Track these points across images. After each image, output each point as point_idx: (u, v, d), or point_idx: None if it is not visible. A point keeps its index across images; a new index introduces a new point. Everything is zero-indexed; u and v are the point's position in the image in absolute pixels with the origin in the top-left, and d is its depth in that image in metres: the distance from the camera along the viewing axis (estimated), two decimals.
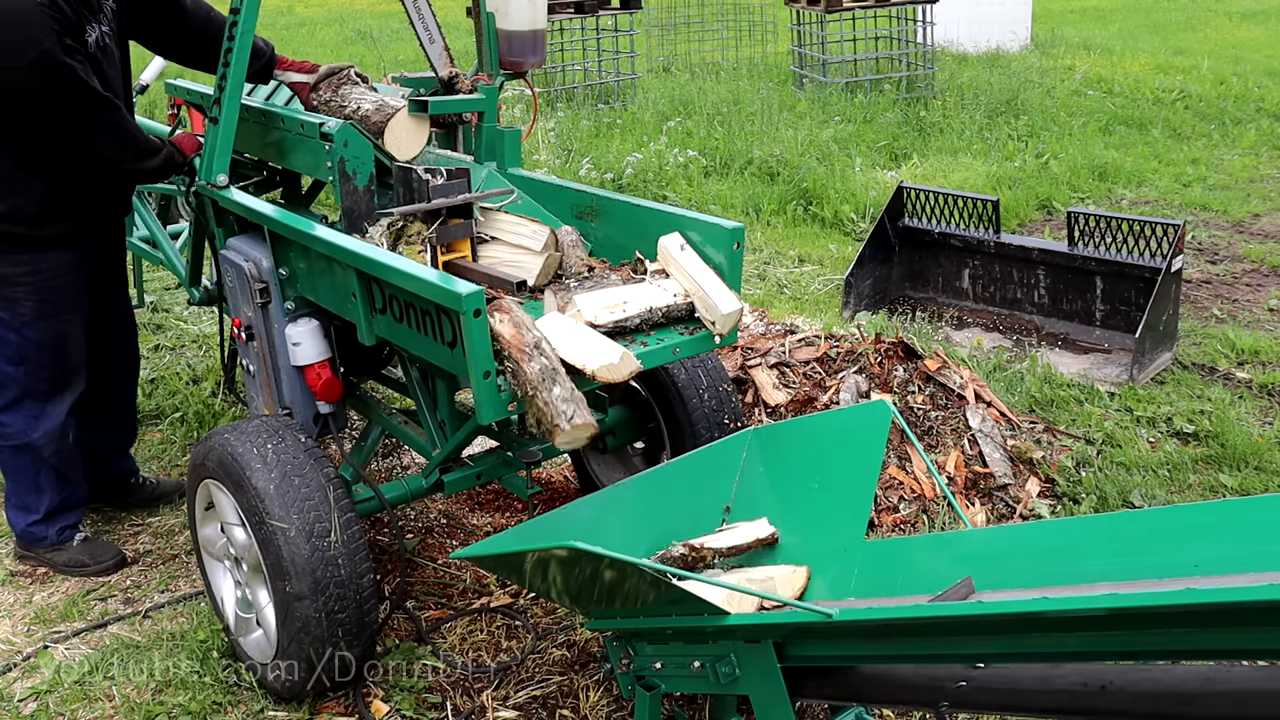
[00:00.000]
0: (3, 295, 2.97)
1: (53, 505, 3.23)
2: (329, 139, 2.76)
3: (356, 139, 2.78)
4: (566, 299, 2.55)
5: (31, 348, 3.03)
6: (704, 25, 13.11)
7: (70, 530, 3.28)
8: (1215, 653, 1.38)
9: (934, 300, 5.37)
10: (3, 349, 3.03)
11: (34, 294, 2.98)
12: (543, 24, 3.22)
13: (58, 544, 3.26)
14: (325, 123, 2.81)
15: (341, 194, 2.79)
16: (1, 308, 2.99)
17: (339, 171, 2.76)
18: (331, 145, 2.75)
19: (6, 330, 3.01)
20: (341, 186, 2.78)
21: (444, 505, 3.62)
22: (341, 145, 2.75)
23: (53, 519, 3.24)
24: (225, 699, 2.67)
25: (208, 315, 5.13)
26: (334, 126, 2.77)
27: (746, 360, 3.93)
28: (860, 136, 8.31)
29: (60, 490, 3.24)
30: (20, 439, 3.11)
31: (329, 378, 2.82)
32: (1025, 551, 1.99)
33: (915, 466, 3.49)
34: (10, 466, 3.18)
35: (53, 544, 3.26)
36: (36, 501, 3.22)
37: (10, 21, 2.62)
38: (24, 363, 3.04)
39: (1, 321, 3.00)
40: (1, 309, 2.99)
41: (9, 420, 3.10)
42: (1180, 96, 9.81)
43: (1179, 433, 3.94)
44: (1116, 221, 4.65)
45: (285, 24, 16.93)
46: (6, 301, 2.98)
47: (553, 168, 7.58)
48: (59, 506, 3.25)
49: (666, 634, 2.08)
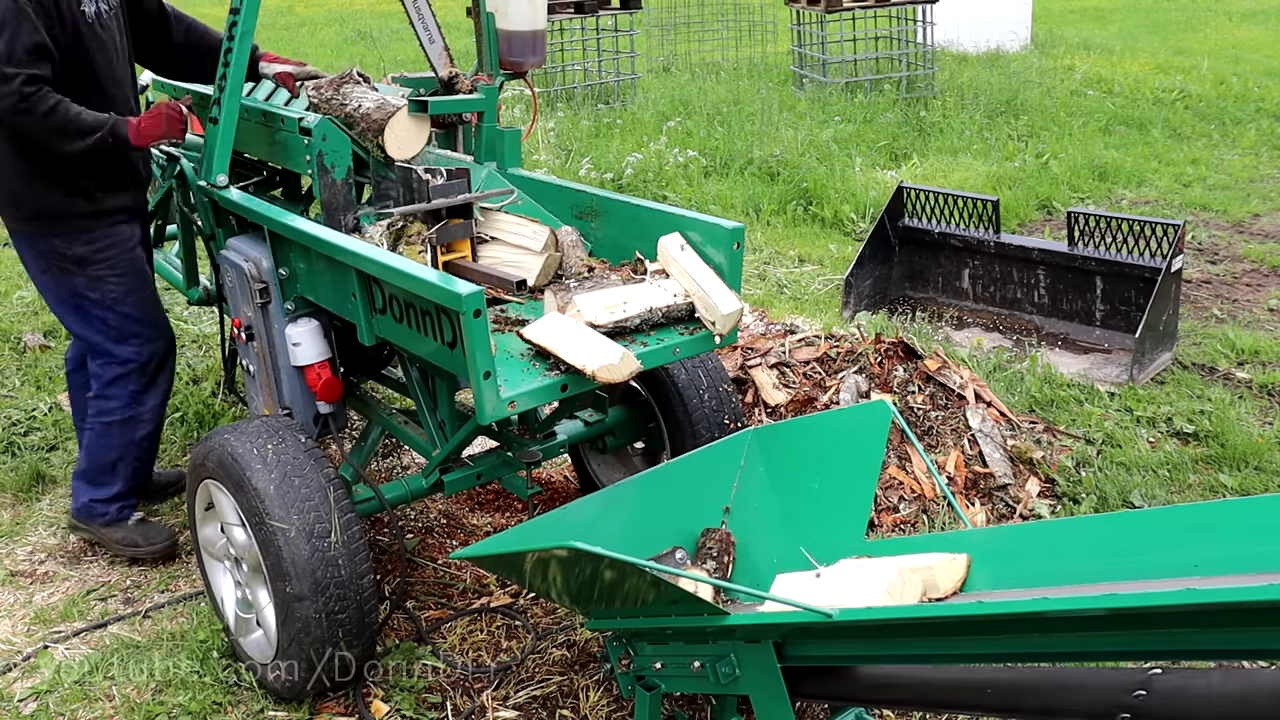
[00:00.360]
0: (87, 276, 3.03)
1: (121, 490, 3.28)
2: (308, 133, 2.82)
3: (334, 133, 2.83)
4: (566, 299, 2.55)
5: (131, 323, 3.11)
6: (704, 25, 13.11)
7: (129, 509, 3.32)
8: (1215, 653, 1.38)
9: (934, 300, 5.37)
10: (104, 330, 3.09)
11: (114, 269, 3.06)
12: (543, 24, 3.22)
13: (115, 520, 3.30)
14: (304, 118, 2.86)
15: (320, 186, 2.85)
16: (90, 289, 3.04)
17: (317, 164, 2.82)
18: (310, 139, 2.81)
19: (102, 310, 3.07)
20: (320, 179, 2.84)
21: (444, 505, 3.62)
22: (320, 139, 2.80)
23: (116, 499, 3.29)
24: (225, 699, 2.67)
25: (208, 315, 5.13)
26: (312, 121, 2.82)
27: (746, 360, 3.93)
28: (860, 136, 8.31)
29: (134, 478, 3.29)
30: (121, 414, 3.17)
31: (329, 378, 2.82)
32: (1025, 551, 2.00)
33: (915, 466, 3.49)
34: (96, 444, 3.22)
35: (110, 520, 3.30)
36: (110, 480, 3.26)
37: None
38: (126, 340, 3.12)
39: (94, 303, 3.06)
40: (90, 290, 3.05)
41: (114, 393, 3.16)
42: (1180, 96, 9.81)
43: (1179, 433, 3.94)
44: (1116, 221, 4.65)
45: (285, 24, 16.93)
46: (93, 281, 3.04)
47: (553, 168, 7.58)
48: (126, 491, 3.30)
49: (666, 634, 2.08)
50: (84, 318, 3.09)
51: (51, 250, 3.00)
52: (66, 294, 3.06)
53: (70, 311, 3.09)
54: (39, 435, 4.03)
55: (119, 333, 3.10)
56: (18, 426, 4.09)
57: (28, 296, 5.43)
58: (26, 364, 4.64)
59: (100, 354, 3.14)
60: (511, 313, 2.70)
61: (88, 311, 3.07)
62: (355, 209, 2.92)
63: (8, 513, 3.59)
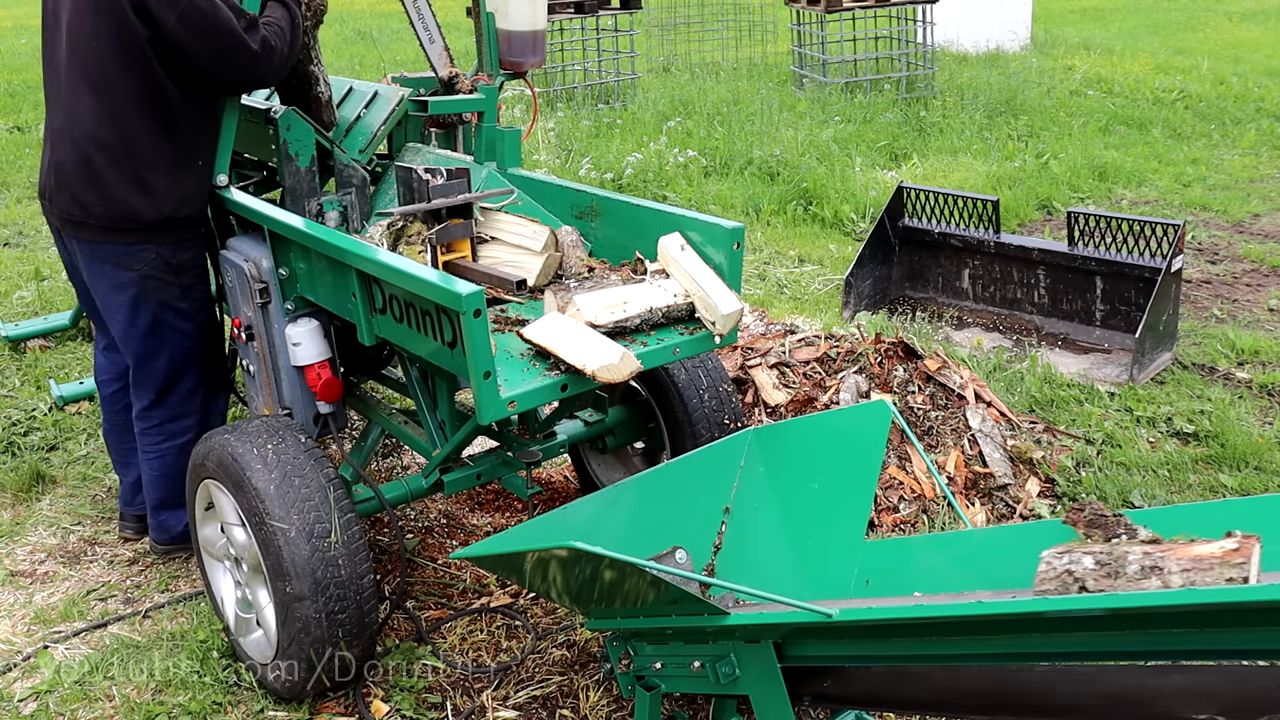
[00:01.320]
0: (181, 284, 2.91)
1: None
2: (273, 122, 2.95)
3: (298, 123, 2.96)
4: (566, 299, 2.55)
5: (205, 333, 3.02)
6: (704, 25, 13.11)
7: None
8: (1215, 653, 1.38)
9: (934, 300, 5.37)
10: (183, 341, 2.96)
11: (200, 278, 2.98)
12: (543, 24, 3.23)
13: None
14: (271, 108, 3.00)
15: (285, 174, 3.00)
16: (182, 299, 2.92)
17: (282, 153, 2.97)
18: (275, 128, 2.94)
19: (187, 321, 2.95)
20: (284, 167, 2.98)
21: (444, 505, 3.62)
22: (285, 128, 2.94)
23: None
24: (225, 699, 2.67)
25: None
26: (278, 111, 2.95)
27: (746, 360, 3.93)
28: (860, 136, 8.31)
29: None
30: (194, 430, 3.03)
31: (329, 378, 2.82)
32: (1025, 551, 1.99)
33: (915, 466, 3.49)
34: (172, 466, 3.07)
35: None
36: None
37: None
38: (199, 352, 3.01)
39: (182, 313, 2.93)
40: (182, 300, 2.92)
41: (182, 414, 3.04)
42: (1180, 96, 9.81)
43: (1179, 433, 3.94)
44: (1116, 221, 4.65)
45: None
46: (185, 290, 2.92)
47: (553, 168, 7.58)
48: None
49: (666, 634, 2.08)
50: (159, 336, 2.92)
51: (156, 259, 2.84)
52: (153, 308, 2.88)
53: (144, 333, 2.91)
54: (39, 435, 4.03)
55: (195, 343, 2.98)
56: (18, 426, 4.09)
57: (28, 297, 5.43)
58: (26, 364, 4.64)
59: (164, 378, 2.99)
60: (511, 313, 2.70)
61: (172, 325, 2.92)
62: (319, 195, 3.05)
63: (8, 513, 3.59)
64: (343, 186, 3.12)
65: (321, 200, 3.05)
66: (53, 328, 4.83)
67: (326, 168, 3.12)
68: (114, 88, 2.68)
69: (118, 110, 2.70)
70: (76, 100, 2.73)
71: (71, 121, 2.75)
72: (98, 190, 2.76)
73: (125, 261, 2.83)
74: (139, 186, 2.76)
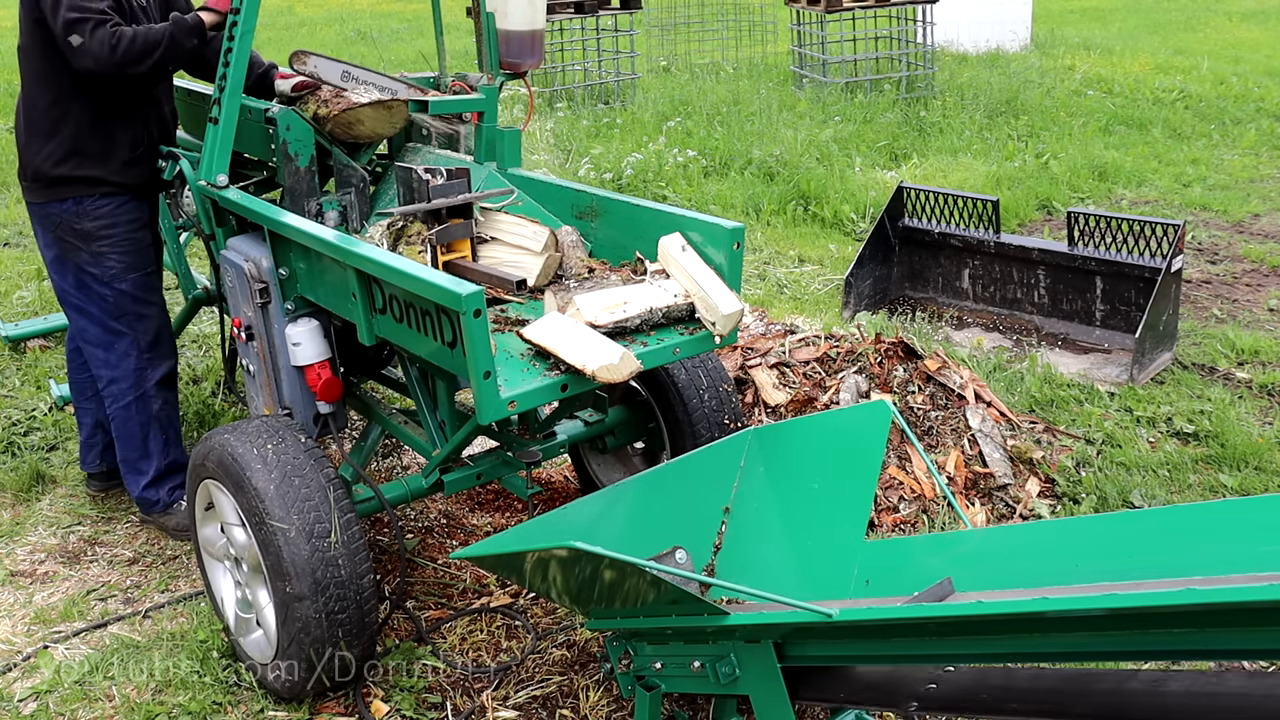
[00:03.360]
0: (90, 252, 3.11)
1: (160, 468, 3.32)
2: (272, 122, 2.96)
3: (297, 123, 2.98)
4: (566, 299, 2.55)
5: (128, 301, 3.17)
6: (704, 25, 13.11)
7: (180, 491, 3.37)
8: (1215, 653, 1.38)
9: (934, 300, 5.37)
10: (101, 305, 3.16)
11: (117, 247, 3.13)
12: (541, 25, 3.23)
13: (169, 506, 3.35)
14: (270, 108, 3.01)
15: (284, 174, 3.01)
16: (90, 264, 3.12)
17: (282, 153, 2.98)
18: (274, 129, 2.95)
19: (100, 286, 3.13)
20: (284, 167, 2.99)
21: (444, 505, 3.62)
22: (284, 129, 2.95)
23: (161, 482, 3.34)
24: (225, 699, 2.67)
25: (208, 315, 5.13)
26: (277, 111, 2.96)
27: (746, 360, 3.93)
28: (860, 136, 8.31)
29: (165, 452, 3.33)
30: (132, 394, 3.22)
31: (329, 378, 2.82)
32: (1025, 551, 2.00)
33: (915, 466, 3.49)
34: (121, 429, 3.28)
35: (164, 507, 3.35)
36: (146, 464, 3.31)
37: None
38: (123, 315, 3.17)
39: (94, 278, 3.12)
40: (91, 265, 3.12)
41: (119, 376, 3.21)
42: (1180, 96, 9.81)
43: (1179, 433, 3.94)
44: (1116, 221, 4.65)
45: (285, 24, 16.93)
46: (94, 257, 3.11)
47: (552, 168, 7.58)
48: (166, 469, 3.34)
49: (666, 634, 2.08)
50: (85, 294, 3.14)
51: (62, 223, 3.07)
52: (73, 269, 3.12)
53: (72, 289, 3.15)
54: (39, 435, 4.03)
55: (115, 308, 3.15)
56: (18, 426, 4.09)
57: (28, 297, 5.43)
58: (26, 364, 4.64)
59: (99, 336, 3.18)
60: (511, 313, 2.70)
61: (91, 288, 3.13)
62: (318, 195, 3.06)
63: (8, 513, 3.59)
64: (342, 186, 3.12)
65: (321, 200, 3.06)
66: (53, 328, 4.83)
67: (326, 168, 3.13)
68: (28, 56, 3.02)
69: (26, 80, 3.05)
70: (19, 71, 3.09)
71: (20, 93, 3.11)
72: (21, 152, 3.11)
73: (43, 223, 3.12)
74: (34, 147, 3.06)
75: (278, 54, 3.41)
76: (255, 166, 3.58)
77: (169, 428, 3.34)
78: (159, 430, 3.30)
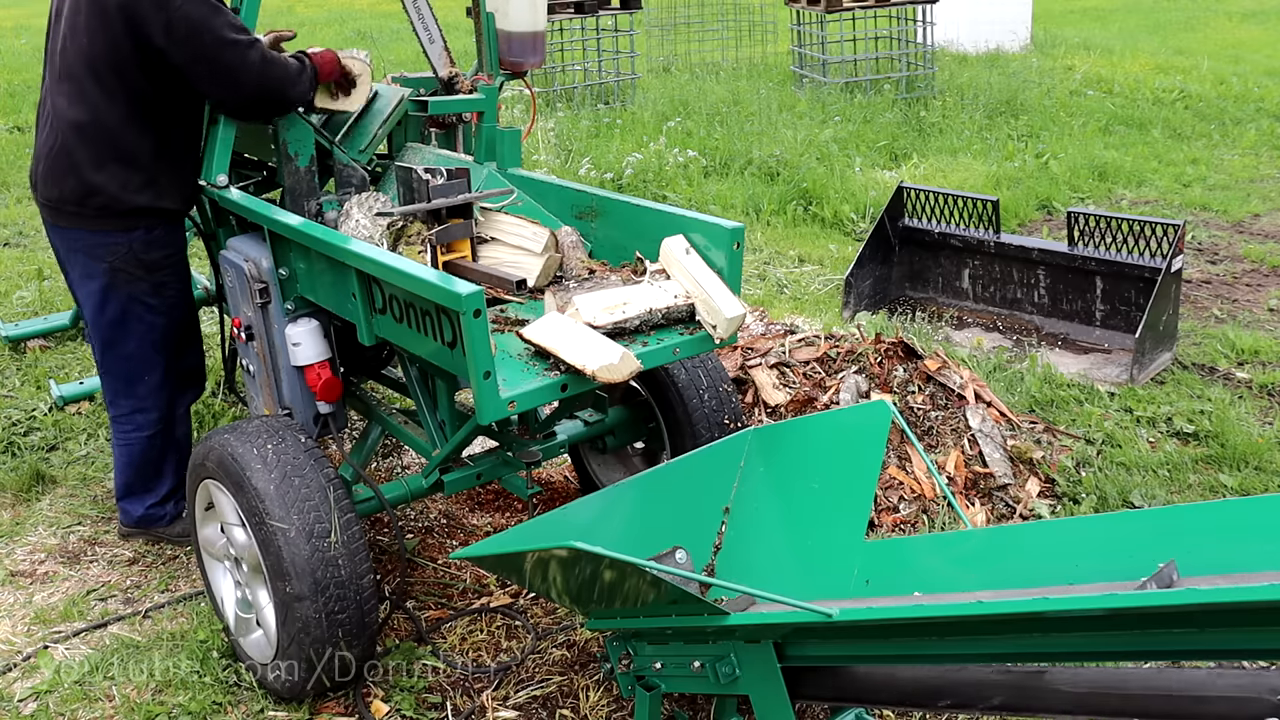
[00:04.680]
0: (154, 281, 2.98)
1: (173, 486, 3.29)
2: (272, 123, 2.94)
3: (298, 123, 2.97)
4: (566, 300, 2.55)
5: (175, 330, 3.08)
6: (704, 25, 13.10)
7: (181, 503, 3.34)
8: (1215, 653, 1.38)
9: (934, 300, 5.37)
10: (150, 334, 3.04)
11: (176, 275, 3.05)
12: (543, 25, 3.23)
13: (174, 518, 3.33)
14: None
15: (284, 174, 3.00)
16: (150, 294, 2.99)
17: (281, 153, 2.97)
18: (274, 129, 2.94)
19: (157, 316, 3.03)
20: (284, 167, 2.99)
21: (444, 505, 3.62)
22: (284, 129, 2.95)
23: (170, 498, 3.30)
24: (225, 699, 2.67)
25: (208, 315, 5.13)
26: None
27: (746, 360, 3.93)
28: (860, 136, 8.31)
29: (179, 470, 3.28)
30: (159, 425, 3.15)
31: (329, 378, 2.82)
32: (1025, 551, 2.00)
33: (915, 466, 3.49)
34: (138, 457, 3.19)
35: (170, 520, 3.32)
36: (159, 485, 3.26)
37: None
38: (166, 347, 3.08)
39: (151, 309, 3.01)
40: (151, 295, 2.99)
41: (147, 406, 3.12)
42: (1180, 96, 9.81)
43: (1179, 433, 3.94)
44: (1116, 221, 4.65)
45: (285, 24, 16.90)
46: (156, 287, 2.99)
47: (553, 168, 7.58)
48: (178, 485, 3.30)
49: (666, 634, 2.08)
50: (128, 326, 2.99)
51: (127, 253, 2.90)
52: (122, 299, 2.96)
53: (114, 320, 2.99)
54: (39, 435, 4.03)
55: (162, 338, 3.05)
56: (18, 426, 4.09)
57: (27, 297, 5.43)
58: (26, 364, 4.64)
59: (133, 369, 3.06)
60: (511, 313, 2.70)
61: (139, 318, 2.99)
62: (318, 195, 3.06)
63: (8, 513, 3.59)
64: (342, 186, 3.12)
65: (321, 200, 3.06)
66: (53, 328, 4.83)
67: (326, 168, 3.13)
68: (98, 79, 2.76)
69: (98, 100, 2.78)
70: (62, 88, 2.83)
71: (56, 109, 2.85)
72: (74, 176, 2.84)
73: (97, 252, 2.92)
74: (109, 175, 2.84)
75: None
76: (255, 167, 3.58)
77: (185, 446, 3.27)
78: (175, 452, 3.24)
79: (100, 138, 2.81)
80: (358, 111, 3.19)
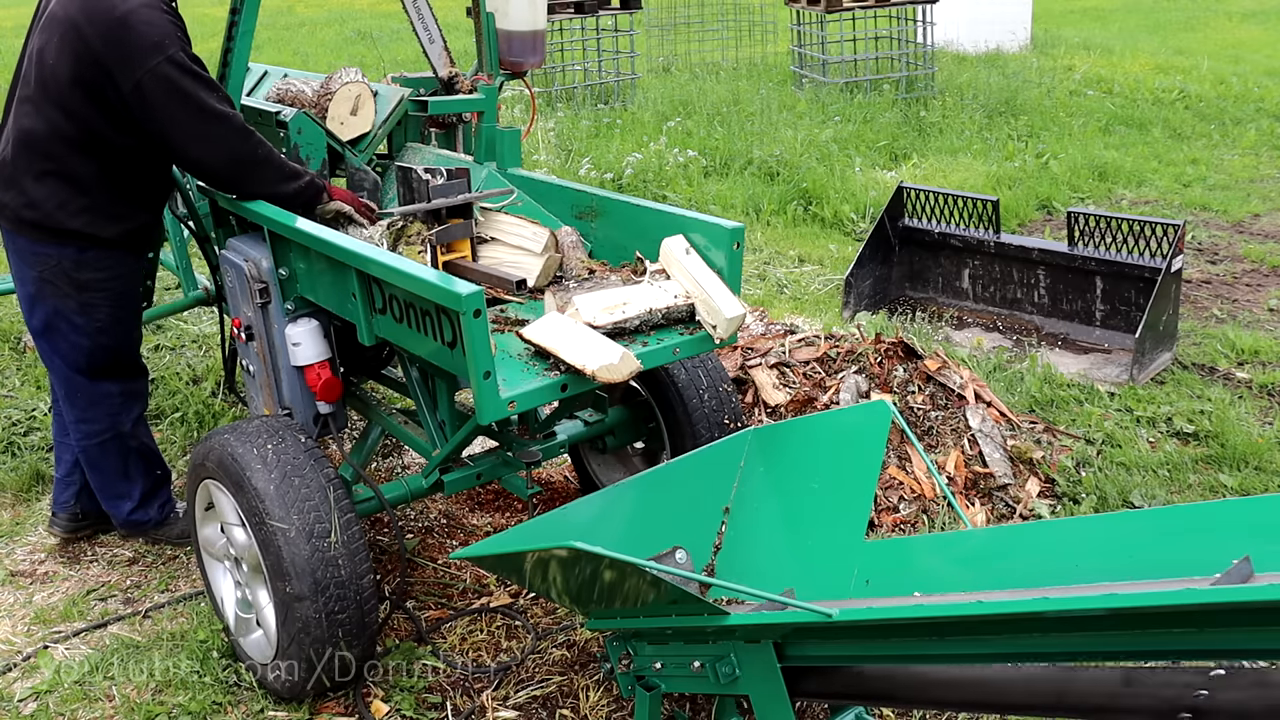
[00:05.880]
0: (82, 301, 2.91)
1: (146, 488, 3.26)
2: (284, 126, 2.95)
3: (310, 127, 2.97)
4: (566, 299, 2.55)
5: (102, 352, 3.01)
6: (704, 25, 13.10)
7: (169, 505, 3.32)
8: (1215, 653, 1.38)
9: (934, 300, 5.37)
10: (73, 354, 2.98)
11: (110, 300, 2.95)
12: (543, 24, 3.23)
13: (161, 521, 3.30)
14: (281, 111, 2.99)
15: None
16: (78, 312, 2.92)
17: (293, 157, 2.96)
18: (286, 132, 2.94)
19: (81, 336, 2.95)
20: None
21: (444, 505, 3.62)
22: (295, 133, 2.96)
23: (149, 501, 3.27)
24: (225, 699, 2.67)
25: (208, 315, 5.13)
26: (289, 115, 2.95)
27: (746, 360, 3.93)
28: (860, 136, 8.31)
29: (149, 473, 3.25)
30: (108, 433, 3.11)
31: (329, 378, 2.82)
32: (1025, 551, 2.00)
33: (915, 466, 3.49)
34: (97, 462, 3.16)
35: (157, 524, 3.30)
36: (129, 488, 3.23)
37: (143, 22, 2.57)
38: (94, 367, 3.01)
39: (77, 328, 2.94)
40: (78, 314, 2.92)
41: (95, 416, 3.08)
42: (1180, 96, 9.81)
43: (1179, 433, 3.94)
44: (1116, 221, 4.65)
45: (285, 24, 16.93)
46: (84, 306, 2.92)
47: (553, 168, 7.58)
48: (152, 488, 3.27)
49: (666, 634, 2.08)
50: (54, 339, 2.97)
51: (56, 267, 2.87)
52: (47, 311, 2.93)
53: (40, 330, 2.97)
54: (39, 435, 4.03)
55: (87, 359, 2.99)
56: (18, 426, 4.09)
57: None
58: (26, 364, 4.64)
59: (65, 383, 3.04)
60: (511, 313, 2.70)
61: (64, 334, 2.95)
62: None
63: (8, 513, 3.59)
64: (354, 190, 3.10)
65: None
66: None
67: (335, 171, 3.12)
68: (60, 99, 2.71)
69: (53, 117, 2.73)
70: (24, 99, 2.80)
71: (16, 117, 2.83)
72: (16, 186, 2.82)
73: (28, 259, 2.88)
74: (49, 191, 2.79)
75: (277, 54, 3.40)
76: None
77: (147, 453, 3.24)
78: (138, 458, 3.20)
79: (48, 153, 2.77)
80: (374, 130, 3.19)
